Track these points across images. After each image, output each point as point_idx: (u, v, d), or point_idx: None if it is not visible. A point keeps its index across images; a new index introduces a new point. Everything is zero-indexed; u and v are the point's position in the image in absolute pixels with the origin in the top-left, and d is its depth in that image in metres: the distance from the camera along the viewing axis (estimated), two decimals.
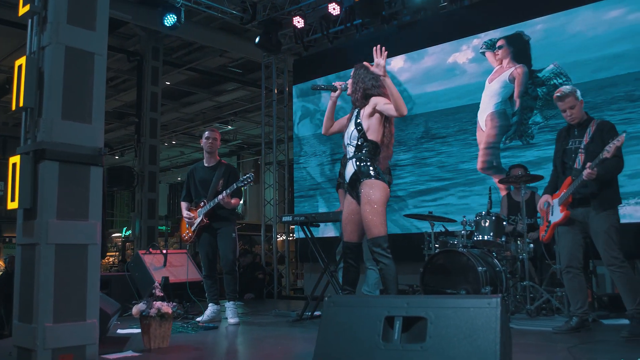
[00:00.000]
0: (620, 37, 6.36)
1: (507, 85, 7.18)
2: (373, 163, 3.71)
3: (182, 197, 5.51)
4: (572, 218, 4.22)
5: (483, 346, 2.15)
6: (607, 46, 6.44)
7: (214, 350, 4.09)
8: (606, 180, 4.07)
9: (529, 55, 7.04)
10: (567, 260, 4.26)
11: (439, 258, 5.31)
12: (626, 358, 2.79)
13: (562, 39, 6.79)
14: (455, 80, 7.66)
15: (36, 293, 3.16)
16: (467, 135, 7.51)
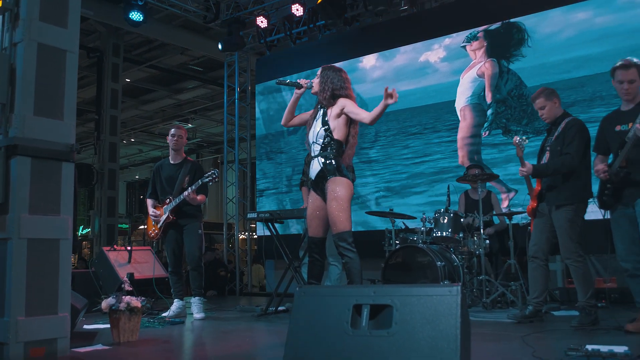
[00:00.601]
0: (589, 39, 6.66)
1: (476, 80, 7.41)
2: (338, 161, 3.86)
3: (148, 195, 5.55)
4: (539, 211, 4.47)
5: (445, 330, 2.31)
6: (576, 48, 6.74)
7: (182, 343, 4.18)
8: (548, 176, 4.32)
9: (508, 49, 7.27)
10: (533, 250, 4.51)
11: (400, 254, 5.51)
12: (574, 344, 3.00)
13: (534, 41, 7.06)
14: (423, 81, 7.87)
15: (8, 287, 3.19)
16: (437, 134, 7.72)
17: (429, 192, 7.59)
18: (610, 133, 4.08)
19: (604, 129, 4.20)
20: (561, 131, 4.36)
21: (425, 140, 7.79)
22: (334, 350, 2.41)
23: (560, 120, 4.43)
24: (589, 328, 4.09)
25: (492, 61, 7.28)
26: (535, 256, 4.49)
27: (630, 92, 3.99)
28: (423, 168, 7.72)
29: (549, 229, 4.43)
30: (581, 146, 4.27)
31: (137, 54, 13.18)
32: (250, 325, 4.84)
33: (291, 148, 9.15)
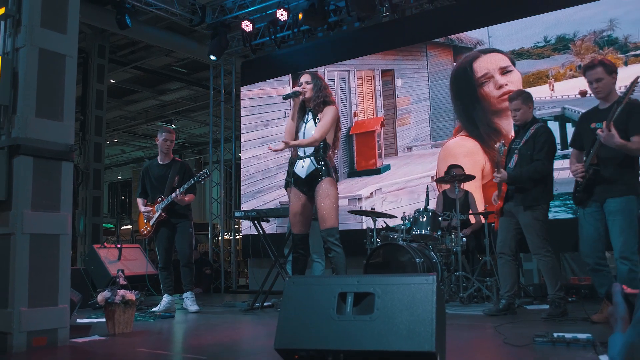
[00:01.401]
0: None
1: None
2: (327, 163, 4.12)
3: (139, 194, 5.76)
4: (505, 210, 4.73)
5: (422, 315, 2.54)
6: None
7: (174, 333, 4.38)
8: (523, 182, 4.56)
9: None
10: (500, 247, 4.77)
11: (381, 251, 5.75)
12: (543, 332, 3.26)
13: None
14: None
15: (12, 279, 3.37)
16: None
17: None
18: (585, 130, 4.25)
19: (580, 125, 4.39)
20: (531, 136, 4.61)
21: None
22: (321, 334, 2.62)
23: (529, 125, 4.68)
24: (558, 319, 4.36)
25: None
26: (502, 252, 4.75)
27: (600, 91, 4.13)
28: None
29: (514, 227, 4.69)
30: (550, 152, 4.54)
31: (122, 55, 13.29)
32: (239, 319, 5.05)
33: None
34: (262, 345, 3.56)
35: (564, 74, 6.85)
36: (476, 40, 7.50)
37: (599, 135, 3.90)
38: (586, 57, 6.55)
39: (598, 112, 4.24)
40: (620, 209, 3.98)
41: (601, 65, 4.12)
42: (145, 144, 21.64)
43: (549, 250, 4.53)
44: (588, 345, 3.02)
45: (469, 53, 7.53)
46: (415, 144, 7.93)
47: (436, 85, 7.79)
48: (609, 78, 4.11)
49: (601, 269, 4.14)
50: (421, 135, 7.89)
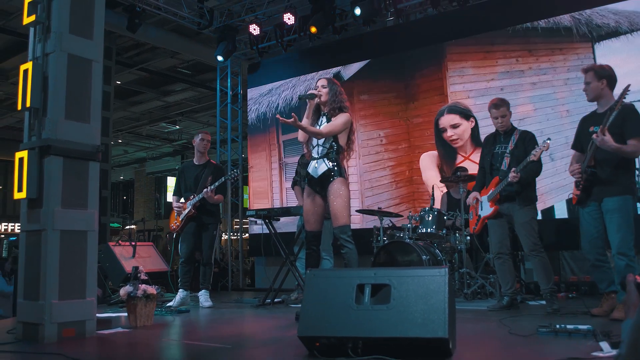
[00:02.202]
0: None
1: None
2: (340, 164, 4.31)
3: (174, 192, 6.09)
4: (500, 212, 4.92)
5: (435, 304, 2.73)
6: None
7: (194, 325, 4.56)
8: (527, 181, 4.78)
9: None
10: (498, 248, 4.95)
11: (388, 248, 5.93)
12: (545, 324, 3.45)
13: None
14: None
15: (43, 273, 3.56)
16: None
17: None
18: (584, 132, 4.47)
19: (580, 128, 4.60)
20: (519, 140, 4.85)
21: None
22: (341, 322, 2.82)
23: (512, 131, 4.94)
24: (559, 313, 4.55)
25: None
26: (501, 252, 4.93)
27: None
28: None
29: (507, 226, 4.94)
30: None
31: (128, 57, 13.46)
32: (252, 312, 5.25)
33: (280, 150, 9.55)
34: (281, 335, 3.75)
35: None
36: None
37: (594, 139, 4.12)
38: None
39: (596, 115, 4.45)
40: (618, 208, 4.18)
41: (592, 70, 4.42)
42: (148, 144, 21.83)
43: (542, 248, 4.77)
44: (589, 334, 3.21)
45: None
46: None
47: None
48: (597, 83, 4.38)
49: (601, 265, 4.33)
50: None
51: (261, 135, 9.71)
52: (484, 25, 7.65)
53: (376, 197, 8.23)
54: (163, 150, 22.93)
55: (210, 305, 5.66)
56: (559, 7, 7.12)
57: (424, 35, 8.20)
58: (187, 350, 3.32)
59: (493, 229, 5.00)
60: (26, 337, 3.61)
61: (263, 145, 9.68)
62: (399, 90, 8.32)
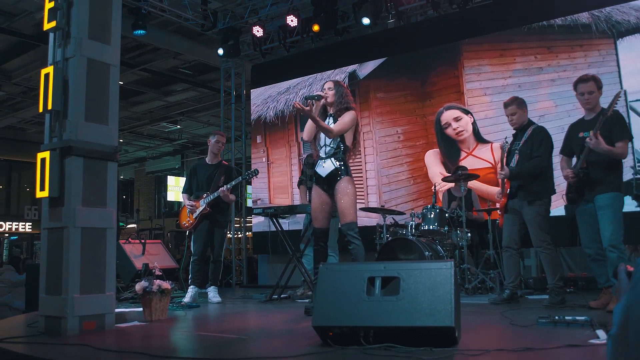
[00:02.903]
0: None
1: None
2: (346, 163, 4.48)
3: (184, 190, 6.22)
4: (510, 207, 5.11)
5: (441, 296, 2.91)
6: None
7: (207, 319, 4.73)
8: (524, 178, 4.96)
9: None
10: (506, 242, 5.15)
11: (391, 245, 6.10)
12: (544, 316, 3.63)
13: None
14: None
15: (65, 269, 3.72)
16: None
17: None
18: (574, 138, 4.74)
19: (569, 135, 4.86)
20: (529, 137, 5.03)
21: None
22: (353, 312, 2.98)
23: (526, 127, 5.11)
24: (558, 306, 4.74)
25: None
26: (508, 246, 5.14)
27: (590, 102, 4.64)
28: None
29: (518, 222, 5.08)
30: (548, 149, 4.97)
31: (130, 57, 13.61)
32: (260, 307, 5.42)
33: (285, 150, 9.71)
34: (293, 327, 3.92)
35: None
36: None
37: (587, 142, 4.38)
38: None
39: (584, 122, 4.73)
40: (609, 204, 4.43)
41: (593, 80, 4.62)
42: (149, 144, 21.98)
43: (550, 243, 4.92)
44: (586, 324, 3.39)
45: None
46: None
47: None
48: (597, 92, 4.62)
49: (600, 259, 4.53)
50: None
51: (280, 132, 9.84)
52: (500, 24, 7.81)
53: (393, 193, 8.38)
54: (163, 149, 23.08)
55: (219, 301, 5.83)
56: (577, 5, 7.23)
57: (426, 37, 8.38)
58: (206, 342, 3.48)
59: (505, 223, 5.21)
60: (48, 330, 3.77)
61: (282, 142, 9.83)
62: (415, 88, 8.43)
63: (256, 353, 2.95)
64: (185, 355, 3.05)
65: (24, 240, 21.93)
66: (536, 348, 2.78)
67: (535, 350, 2.74)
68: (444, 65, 8.23)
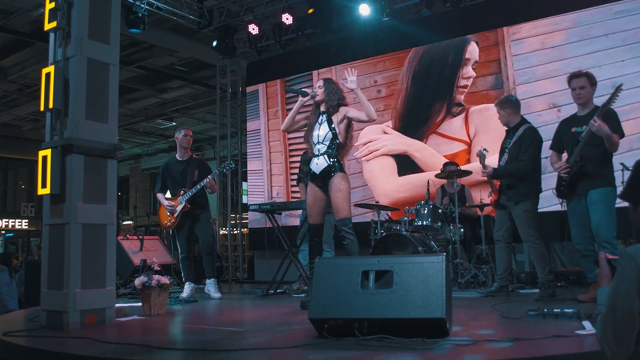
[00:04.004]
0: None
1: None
2: (339, 160, 4.58)
3: (159, 189, 6.14)
4: (501, 202, 5.23)
5: (433, 288, 3.01)
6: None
7: (205, 314, 4.83)
8: (506, 178, 5.09)
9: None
10: (496, 235, 5.28)
11: (386, 241, 6.19)
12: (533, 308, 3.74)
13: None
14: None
15: (67, 264, 3.81)
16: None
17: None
18: (566, 134, 4.83)
19: (561, 130, 4.95)
20: (518, 137, 5.12)
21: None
22: (348, 305, 3.09)
23: (518, 126, 5.19)
24: (548, 299, 4.85)
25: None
26: (498, 239, 5.28)
27: (582, 97, 4.71)
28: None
29: (508, 218, 5.20)
30: (534, 153, 5.04)
31: (126, 54, 13.64)
32: (258, 302, 5.52)
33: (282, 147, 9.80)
34: (289, 320, 4.02)
35: None
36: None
37: (591, 124, 4.39)
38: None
39: (576, 118, 4.82)
40: (601, 199, 4.51)
41: (586, 76, 4.71)
42: (144, 140, 22.01)
43: (538, 239, 5.04)
44: (573, 316, 3.51)
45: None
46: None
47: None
48: (590, 88, 4.70)
49: (590, 255, 4.64)
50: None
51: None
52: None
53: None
54: (158, 146, 23.12)
55: (219, 297, 5.86)
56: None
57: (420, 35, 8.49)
58: (204, 334, 3.57)
59: (497, 217, 5.35)
60: (50, 325, 3.86)
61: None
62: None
63: (254, 344, 3.05)
64: (184, 347, 3.14)
65: (21, 237, 21.95)
66: (524, 338, 2.88)
67: (523, 340, 2.84)
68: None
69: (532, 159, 5.02)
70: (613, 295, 1.59)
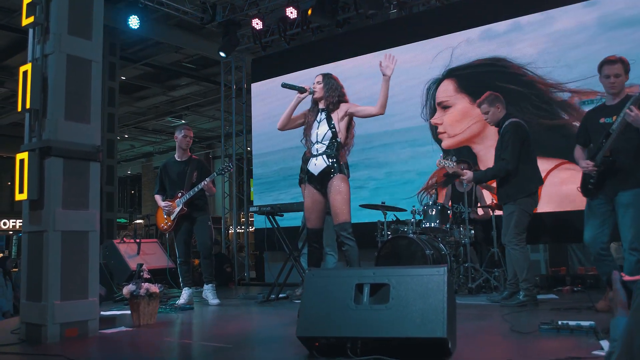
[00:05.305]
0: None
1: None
2: (339, 160, 4.30)
3: (156, 191, 5.89)
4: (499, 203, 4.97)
5: (433, 304, 2.72)
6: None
7: (196, 324, 4.58)
8: (488, 180, 4.92)
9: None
10: (502, 238, 4.97)
11: (392, 243, 5.93)
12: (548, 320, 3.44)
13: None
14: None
15: (45, 274, 3.58)
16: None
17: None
18: (594, 125, 4.33)
19: (587, 121, 4.47)
20: (500, 135, 4.85)
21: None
22: (340, 322, 2.81)
23: (502, 124, 4.91)
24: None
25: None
26: (503, 242, 4.97)
27: (616, 86, 4.20)
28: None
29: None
30: (516, 149, 4.74)
31: (132, 52, 13.47)
32: (256, 310, 5.26)
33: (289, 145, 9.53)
34: (282, 334, 3.76)
35: None
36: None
37: (626, 114, 3.92)
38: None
39: (606, 108, 4.33)
40: (633, 202, 4.06)
41: (621, 62, 4.22)
42: (155, 139, 21.91)
43: (518, 244, 4.77)
44: (590, 332, 3.19)
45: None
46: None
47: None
48: (624, 76, 4.22)
49: (604, 258, 4.26)
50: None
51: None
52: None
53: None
54: (169, 144, 22.97)
55: (217, 303, 5.61)
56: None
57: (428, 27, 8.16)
58: (188, 351, 3.34)
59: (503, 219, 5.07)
60: (29, 338, 3.64)
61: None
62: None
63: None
64: None
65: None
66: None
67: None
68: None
69: (514, 156, 4.73)
70: (629, 335, 1.32)
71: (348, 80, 8.46)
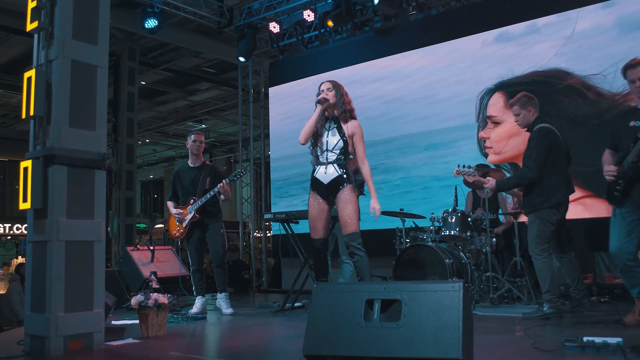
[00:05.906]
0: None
1: None
2: (349, 170, 4.20)
3: (169, 197, 5.80)
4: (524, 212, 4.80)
5: (448, 322, 2.56)
6: None
7: (206, 336, 4.47)
8: (510, 189, 4.76)
9: None
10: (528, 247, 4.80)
11: (410, 251, 5.74)
12: (573, 337, 3.24)
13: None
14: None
15: (49, 285, 3.48)
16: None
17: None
18: (623, 128, 4.12)
19: (617, 124, 4.28)
20: (528, 141, 4.65)
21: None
22: (349, 340, 2.66)
23: (533, 127, 4.71)
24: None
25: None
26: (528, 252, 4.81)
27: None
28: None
29: None
30: (540, 157, 4.53)
31: (152, 57, 13.49)
32: (269, 320, 5.11)
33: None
34: (293, 348, 3.60)
35: None
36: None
37: None
38: None
39: (637, 110, 4.13)
40: None
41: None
42: (177, 143, 21.97)
43: (540, 254, 4.58)
44: (618, 350, 2.99)
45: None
46: None
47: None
48: None
49: (631, 270, 4.05)
50: None
51: None
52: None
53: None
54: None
55: (231, 313, 5.49)
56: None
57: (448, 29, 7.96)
58: None
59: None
60: (33, 350, 3.55)
61: None
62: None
63: None
64: None
65: None
66: None
67: None
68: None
69: (538, 164, 4.53)
70: None
71: (365, 84, 8.41)
